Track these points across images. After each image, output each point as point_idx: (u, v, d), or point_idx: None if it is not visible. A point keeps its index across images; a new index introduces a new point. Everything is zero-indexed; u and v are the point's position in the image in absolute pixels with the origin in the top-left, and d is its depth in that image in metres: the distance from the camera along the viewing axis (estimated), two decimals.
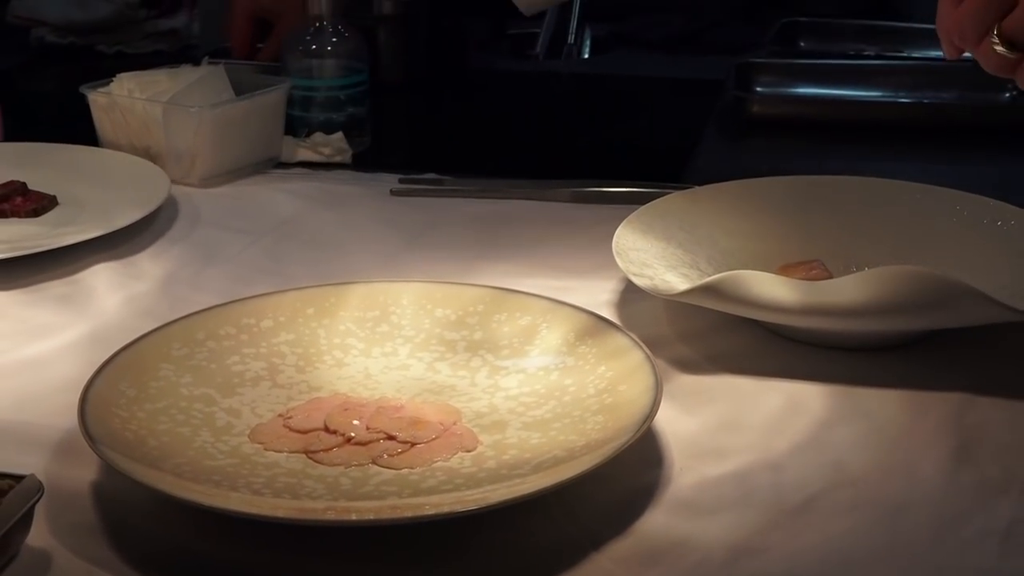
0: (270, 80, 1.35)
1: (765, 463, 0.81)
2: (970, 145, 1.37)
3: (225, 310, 0.94)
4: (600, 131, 1.26)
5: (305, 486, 0.78)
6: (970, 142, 1.37)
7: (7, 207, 1.20)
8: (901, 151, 1.28)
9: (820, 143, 0.98)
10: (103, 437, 0.77)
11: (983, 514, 0.75)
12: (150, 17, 1.74)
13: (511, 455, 0.81)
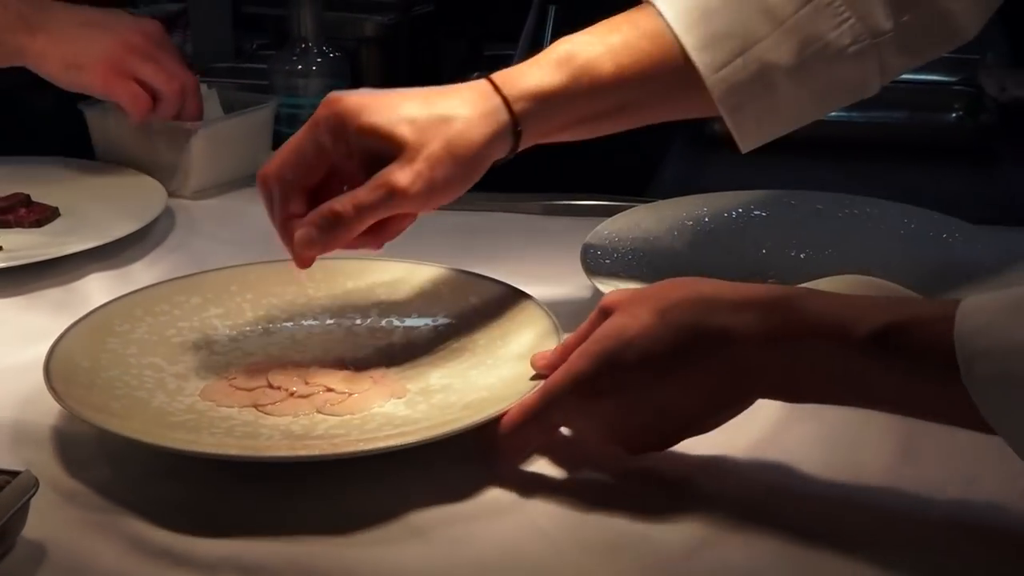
0: (258, 99, 1.35)
1: (725, 461, 0.82)
2: (918, 161, 1.38)
3: (158, 289, 0.99)
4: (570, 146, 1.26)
5: (261, 434, 0.82)
6: (918, 159, 1.38)
7: (11, 218, 1.20)
8: (854, 167, 1.29)
9: (777, 159, 0.98)
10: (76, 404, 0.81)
11: (926, 510, 0.76)
12: None
13: (438, 398, 0.86)
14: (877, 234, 1.05)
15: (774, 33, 0.91)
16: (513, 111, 0.88)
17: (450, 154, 0.86)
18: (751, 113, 0.93)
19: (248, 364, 0.92)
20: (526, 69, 0.90)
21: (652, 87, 0.92)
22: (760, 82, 0.91)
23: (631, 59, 0.91)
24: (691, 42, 0.91)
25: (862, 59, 0.92)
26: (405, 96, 0.88)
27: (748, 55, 0.91)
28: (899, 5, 0.91)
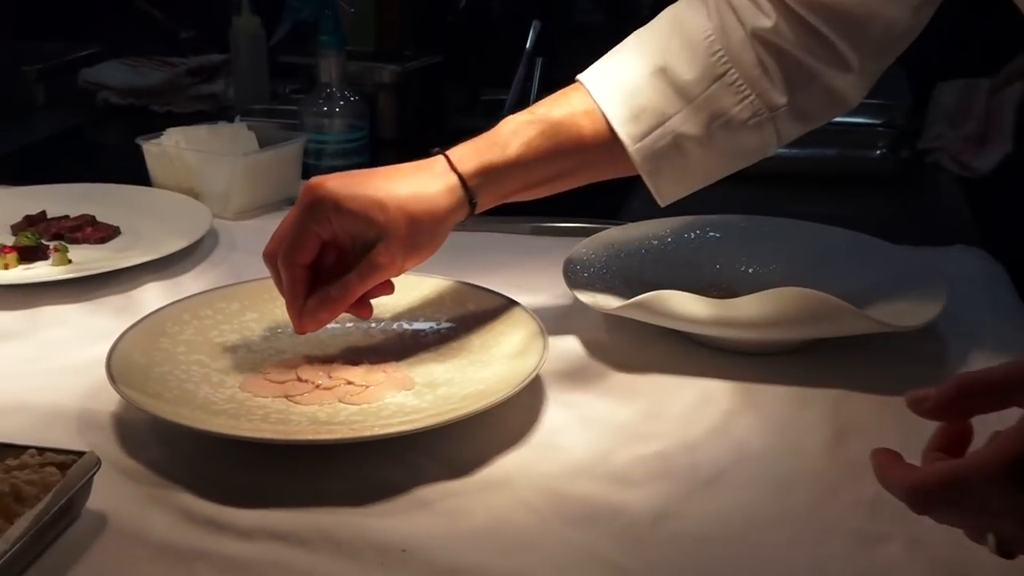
0: (290, 135, 1.35)
1: (682, 445, 0.82)
2: (849, 191, 1.38)
3: (203, 297, 0.99)
4: None
5: (291, 420, 0.83)
6: (849, 189, 1.38)
7: (79, 235, 1.20)
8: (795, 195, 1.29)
9: (731, 189, 0.99)
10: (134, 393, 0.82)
11: (855, 487, 0.76)
12: (194, 83, 1.75)
13: (441, 391, 0.86)
14: (814, 252, 1.05)
15: (685, 109, 0.91)
16: (468, 186, 0.89)
17: (418, 230, 0.87)
18: (666, 175, 0.93)
19: (280, 361, 0.92)
20: (479, 145, 0.90)
21: (584, 156, 0.93)
22: (674, 150, 0.92)
23: (567, 134, 0.91)
24: (616, 117, 0.91)
25: (760, 129, 0.93)
26: (376, 178, 0.88)
27: (664, 128, 0.91)
28: (792, 84, 0.92)
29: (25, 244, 1.15)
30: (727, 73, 0.91)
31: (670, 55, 0.92)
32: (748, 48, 0.91)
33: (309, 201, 0.85)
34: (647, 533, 0.72)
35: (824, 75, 0.92)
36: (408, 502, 0.75)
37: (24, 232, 1.18)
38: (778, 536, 0.72)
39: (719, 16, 0.92)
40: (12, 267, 1.12)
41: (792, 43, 0.91)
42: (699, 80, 0.91)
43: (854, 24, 0.90)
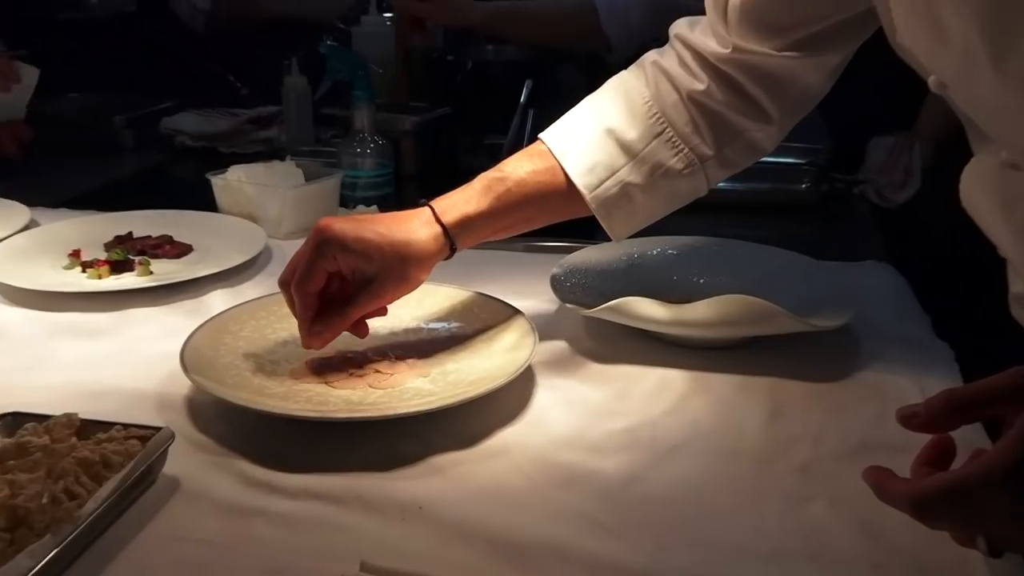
0: (330, 171, 1.35)
1: (646, 422, 0.82)
2: (781, 217, 1.37)
3: (258, 302, 0.99)
4: None
5: (330, 401, 0.83)
6: (781, 215, 1.38)
7: (160, 252, 1.20)
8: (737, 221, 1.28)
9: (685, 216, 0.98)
10: (202, 380, 0.82)
11: (788, 457, 0.77)
12: (253, 130, 1.74)
13: (452, 377, 0.86)
14: (754, 267, 1.05)
15: (630, 162, 0.91)
16: (449, 234, 0.88)
17: (407, 269, 0.86)
18: (617, 217, 0.93)
19: (321, 353, 0.91)
20: (458, 199, 0.90)
21: (548, 202, 0.92)
22: (623, 197, 0.91)
23: (533, 185, 0.91)
24: (573, 172, 0.91)
25: (692, 176, 0.92)
26: (375, 224, 0.87)
27: (613, 179, 0.91)
28: (719, 139, 0.91)
29: (115, 259, 1.15)
30: (664, 131, 0.91)
31: (616, 117, 0.91)
32: (682, 110, 0.90)
33: (319, 240, 0.84)
34: (618, 493, 0.71)
35: (748, 130, 0.91)
36: (424, 468, 0.75)
37: (115, 249, 1.18)
38: (725, 497, 0.71)
39: (655, 84, 0.92)
40: (105, 277, 1.12)
41: (721, 103, 0.90)
42: (641, 138, 0.91)
43: (777, 85, 0.89)
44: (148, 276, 1.12)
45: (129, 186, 1.60)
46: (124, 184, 1.61)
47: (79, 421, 0.73)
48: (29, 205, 1.31)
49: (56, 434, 0.71)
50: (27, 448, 0.69)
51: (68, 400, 0.81)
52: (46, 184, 1.49)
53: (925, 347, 0.94)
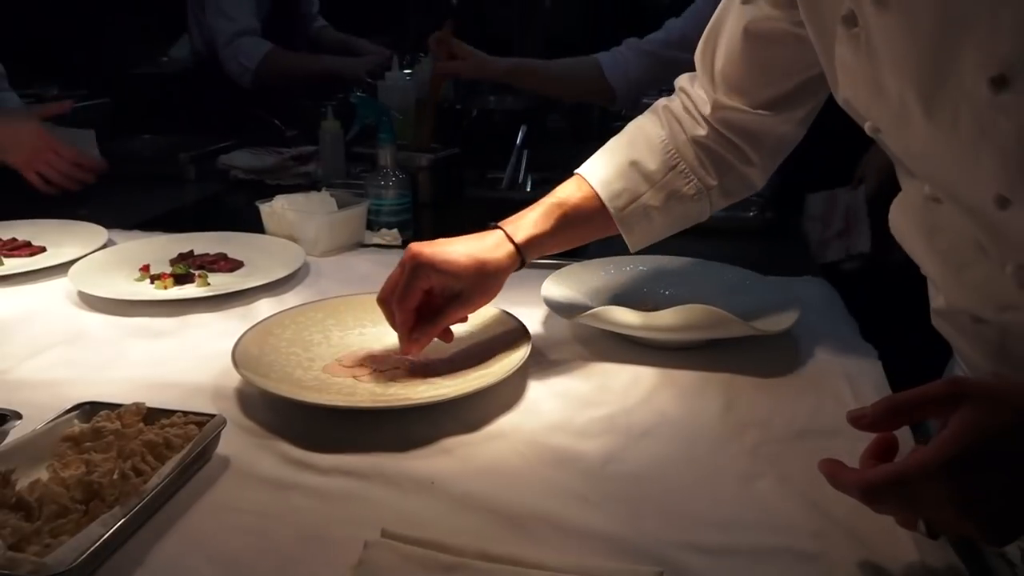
0: (358, 200, 1.34)
1: (622, 410, 0.81)
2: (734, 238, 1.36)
3: (299, 309, 0.97)
4: None
5: (357, 393, 0.81)
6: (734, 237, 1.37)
7: (216, 267, 1.18)
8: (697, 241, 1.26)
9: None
10: (250, 374, 0.80)
11: (740, 440, 0.76)
12: (295, 165, 1.73)
13: (460, 372, 0.85)
14: (711, 281, 1.04)
15: (651, 190, 0.92)
16: (520, 251, 0.89)
17: (488, 283, 0.87)
18: (637, 232, 0.93)
19: (350, 352, 0.90)
20: (525, 222, 0.90)
21: (591, 223, 0.93)
22: (643, 216, 0.92)
23: (581, 210, 0.92)
24: (606, 198, 0.91)
25: (700, 201, 0.93)
26: (457, 245, 0.87)
27: (637, 203, 0.92)
28: (720, 172, 0.92)
29: (178, 273, 1.13)
30: (678, 164, 0.92)
31: (638, 153, 0.92)
32: (689, 147, 0.92)
33: (414, 264, 0.84)
34: (599, 472, 0.70)
35: (738, 167, 0.92)
36: (435, 449, 0.73)
37: (178, 264, 1.17)
38: (687, 474, 0.70)
39: (668, 125, 0.93)
40: (169, 288, 1.11)
41: (717, 145, 0.91)
42: (659, 169, 0.92)
43: (754, 137, 0.91)
44: (206, 287, 1.11)
45: (191, 212, 1.59)
46: (187, 210, 1.59)
47: (146, 409, 0.72)
48: (107, 227, 1.30)
49: (126, 420, 0.70)
50: (101, 432, 0.68)
51: (137, 391, 0.80)
52: (122, 210, 1.48)
53: (853, 347, 0.93)
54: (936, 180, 0.69)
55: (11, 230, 1.29)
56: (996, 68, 0.57)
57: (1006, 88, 0.57)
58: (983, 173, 0.62)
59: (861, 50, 0.68)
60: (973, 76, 0.59)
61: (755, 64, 0.86)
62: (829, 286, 1.11)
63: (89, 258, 1.17)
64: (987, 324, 0.73)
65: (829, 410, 0.79)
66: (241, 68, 2.25)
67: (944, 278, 0.75)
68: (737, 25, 0.84)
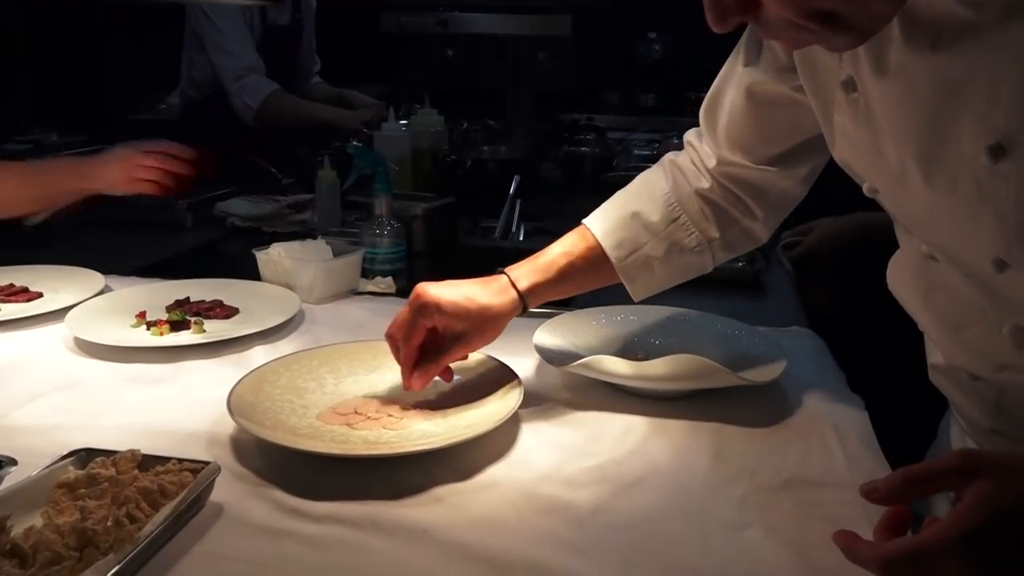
0: (353, 248, 1.35)
1: (612, 460, 0.82)
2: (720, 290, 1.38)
3: (292, 356, 0.98)
4: None
5: (350, 440, 0.82)
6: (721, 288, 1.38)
7: (212, 313, 1.19)
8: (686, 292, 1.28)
9: None
10: (245, 421, 0.81)
11: (727, 490, 0.76)
12: (291, 213, 1.75)
13: (452, 421, 0.85)
14: (700, 331, 1.05)
15: (652, 240, 0.93)
16: (523, 297, 0.91)
17: (489, 326, 0.89)
18: (639, 283, 0.95)
19: (344, 400, 0.91)
20: (529, 270, 0.92)
21: (594, 272, 0.94)
22: (644, 266, 0.94)
23: (584, 260, 0.93)
24: (608, 247, 0.93)
25: (702, 254, 0.95)
26: (462, 288, 0.89)
27: (638, 253, 0.93)
28: (722, 225, 0.94)
29: (174, 319, 1.14)
30: (679, 217, 0.94)
31: (641, 205, 0.94)
32: (693, 200, 0.94)
33: (419, 304, 0.87)
34: (589, 521, 0.71)
35: (741, 221, 0.94)
36: (428, 498, 0.74)
37: (174, 311, 1.17)
38: (677, 524, 0.71)
39: (672, 178, 0.95)
40: (165, 334, 1.11)
41: (720, 198, 0.94)
42: (661, 221, 0.94)
43: (758, 191, 0.93)
44: (201, 334, 1.11)
45: (188, 258, 1.60)
46: (184, 257, 1.61)
47: (141, 456, 0.72)
48: (104, 273, 1.31)
49: (121, 467, 0.71)
50: (96, 479, 0.69)
51: (133, 438, 0.80)
52: (119, 255, 1.49)
53: (840, 398, 0.94)
54: (934, 241, 0.71)
55: (9, 276, 1.30)
56: (994, 137, 0.59)
57: (1004, 156, 0.59)
58: (981, 236, 0.64)
59: (860, 115, 0.70)
60: (972, 144, 0.61)
61: (757, 124, 0.88)
62: (817, 337, 1.13)
63: (86, 304, 1.18)
64: (984, 382, 0.74)
65: (816, 460, 0.80)
66: (245, 106, 2.30)
67: (941, 336, 0.77)
68: (739, 87, 0.87)
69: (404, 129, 1.88)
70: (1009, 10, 0.56)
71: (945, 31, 0.60)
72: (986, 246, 0.64)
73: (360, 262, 1.34)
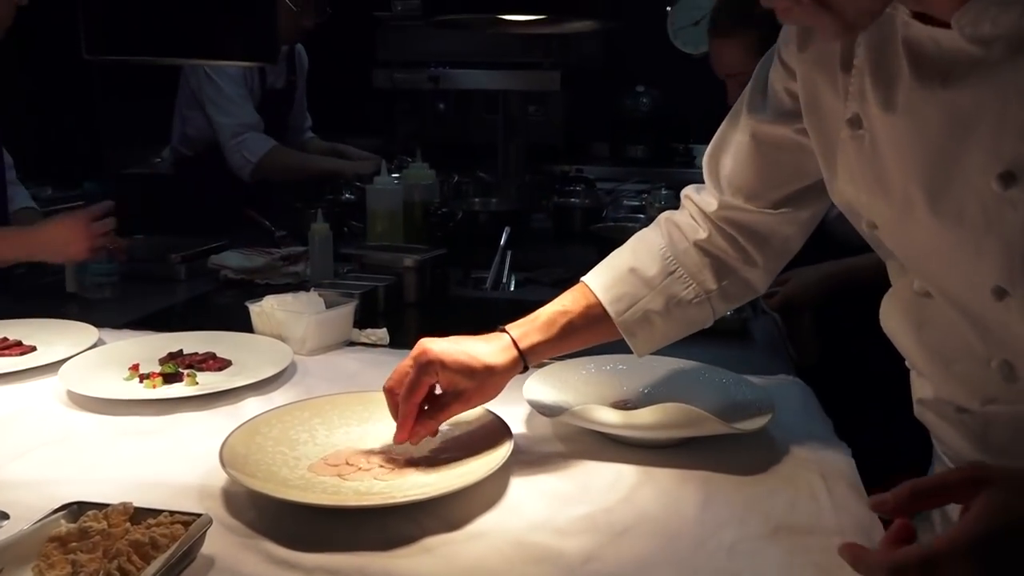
0: (345, 300, 1.37)
1: (602, 509, 0.82)
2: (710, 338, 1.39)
3: (285, 408, 0.98)
4: None
5: (341, 492, 0.82)
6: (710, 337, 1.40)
7: (205, 365, 1.19)
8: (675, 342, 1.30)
9: None
10: (237, 473, 0.81)
11: (717, 537, 0.77)
12: (284, 266, 1.76)
13: (443, 471, 0.86)
14: (689, 379, 1.06)
15: (650, 293, 0.95)
16: (524, 358, 0.93)
17: (491, 384, 0.91)
18: (640, 337, 0.96)
19: (336, 451, 0.91)
20: (530, 329, 0.94)
21: (594, 329, 0.96)
22: (644, 320, 0.95)
23: (584, 317, 0.95)
24: (607, 302, 0.95)
25: (701, 306, 0.96)
26: (465, 345, 0.90)
27: (636, 307, 0.95)
28: (720, 275, 0.96)
29: (167, 372, 1.15)
30: (676, 270, 0.96)
31: (638, 260, 0.96)
32: (691, 253, 0.96)
33: (423, 361, 0.87)
34: (579, 570, 0.71)
35: (740, 270, 0.96)
36: (419, 548, 0.74)
37: (167, 363, 1.18)
38: (667, 572, 0.71)
39: (668, 235, 0.97)
40: (158, 387, 1.12)
41: (718, 248, 0.95)
42: (658, 275, 0.95)
43: (760, 237, 0.94)
44: (194, 386, 1.12)
45: (181, 311, 1.61)
46: (177, 309, 1.62)
47: (133, 508, 0.73)
48: (98, 326, 1.31)
49: (113, 520, 0.71)
50: (88, 532, 0.69)
51: (125, 491, 0.81)
52: (112, 309, 1.50)
53: (827, 446, 0.95)
54: (931, 274, 0.73)
55: (3, 329, 1.31)
56: (1004, 165, 0.62)
57: (1014, 184, 0.62)
58: (984, 265, 0.66)
59: (864, 151, 0.73)
60: (981, 173, 0.64)
61: (762, 167, 0.91)
62: (804, 385, 1.14)
63: (79, 357, 1.19)
64: (971, 414, 0.75)
65: (804, 507, 0.81)
66: (243, 160, 2.34)
67: (932, 371, 0.78)
68: (745, 131, 0.90)
69: (396, 183, 1.91)
70: (1016, 47, 0.60)
71: (955, 68, 0.64)
72: (987, 275, 0.66)
73: (352, 314, 1.35)
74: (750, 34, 1.61)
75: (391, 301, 1.52)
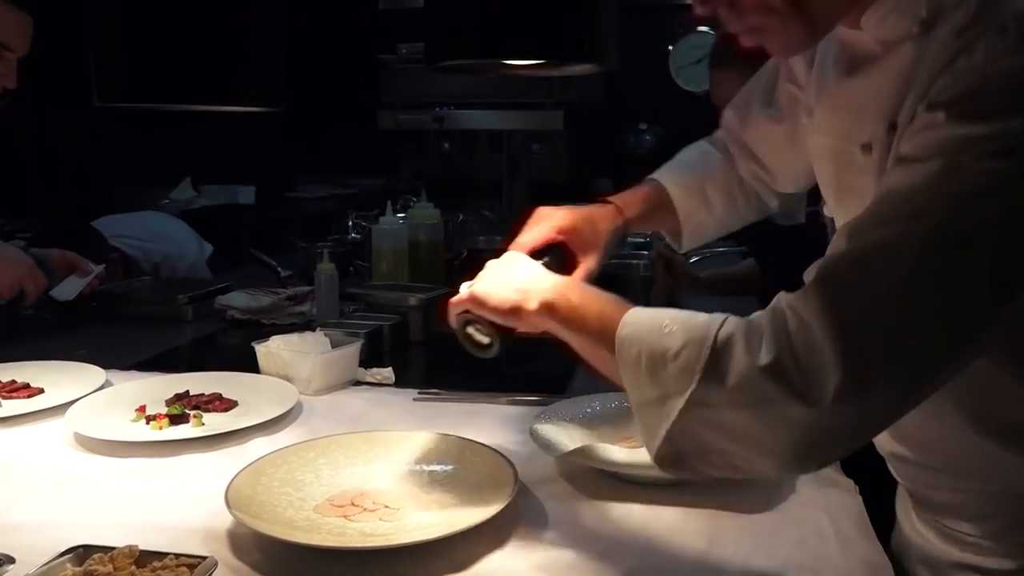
0: (351, 340, 1.37)
1: (610, 547, 0.82)
2: None
3: (290, 448, 0.99)
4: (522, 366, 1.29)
5: (347, 533, 0.82)
6: None
7: (211, 406, 1.20)
8: None
9: None
10: (242, 515, 0.81)
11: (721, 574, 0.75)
12: (290, 306, 1.78)
13: (448, 511, 0.86)
14: None
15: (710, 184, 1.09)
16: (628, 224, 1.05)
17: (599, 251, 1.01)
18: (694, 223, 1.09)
19: (341, 492, 0.91)
20: (630, 200, 1.06)
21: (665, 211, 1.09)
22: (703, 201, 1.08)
23: (659, 201, 1.08)
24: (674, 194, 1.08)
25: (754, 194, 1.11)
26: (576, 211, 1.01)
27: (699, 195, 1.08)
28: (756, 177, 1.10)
29: (173, 413, 1.15)
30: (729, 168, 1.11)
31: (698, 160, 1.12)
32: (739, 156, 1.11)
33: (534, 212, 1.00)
34: None
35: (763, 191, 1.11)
36: None
37: (173, 405, 1.19)
38: None
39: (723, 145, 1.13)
40: (164, 428, 1.12)
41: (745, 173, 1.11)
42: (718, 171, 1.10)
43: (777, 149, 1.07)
44: (200, 427, 1.13)
45: (188, 352, 1.62)
46: (183, 350, 1.63)
47: (138, 551, 0.73)
48: (105, 368, 1.33)
49: (118, 563, 0.71)
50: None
51: (131, 533, 0.81)
52: (120, 350, 1.51)
53: (833, 482, 0.95)
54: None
55: (10, 372, 1.32)
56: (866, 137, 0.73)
57: (869, 152, 0.73)
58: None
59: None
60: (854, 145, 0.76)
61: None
62: None
63: (86, 399, 1.20)
64: None
65: (810, 545, 0.81)
66: None
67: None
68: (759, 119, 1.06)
69: (402, 222, 1.93)
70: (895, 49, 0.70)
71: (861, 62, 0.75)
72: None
73: (358, 354, 1.36)
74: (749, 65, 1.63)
75: (396, 340, 1.53)
